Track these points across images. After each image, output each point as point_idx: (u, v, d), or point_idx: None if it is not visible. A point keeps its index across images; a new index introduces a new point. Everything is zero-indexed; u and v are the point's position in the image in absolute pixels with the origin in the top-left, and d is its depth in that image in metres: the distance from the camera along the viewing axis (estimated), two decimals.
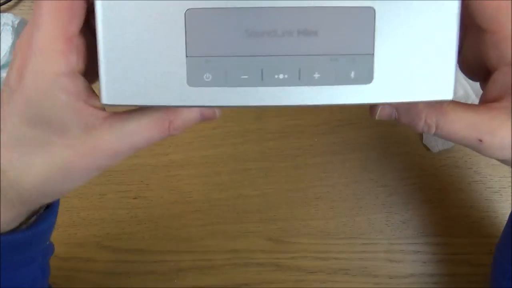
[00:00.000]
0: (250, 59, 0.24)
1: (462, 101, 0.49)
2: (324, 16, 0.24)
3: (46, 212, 0.31)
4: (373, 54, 0.24)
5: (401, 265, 0.51)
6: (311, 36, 0.24)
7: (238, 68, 0.24)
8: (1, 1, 0.51)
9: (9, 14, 0.47)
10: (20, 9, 0.53)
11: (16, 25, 0.46)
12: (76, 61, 0.23)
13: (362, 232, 0.51)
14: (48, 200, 0.29)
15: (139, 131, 0.25)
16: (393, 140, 0.52)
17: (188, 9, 0.23)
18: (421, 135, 0.51)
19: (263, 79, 0.24)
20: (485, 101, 0.27)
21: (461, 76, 0.50)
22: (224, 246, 0.51)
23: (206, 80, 0.24)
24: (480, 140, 0.26)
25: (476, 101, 0.49)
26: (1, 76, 0.47)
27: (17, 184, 0.26)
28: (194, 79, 0.24)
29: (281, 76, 0.24)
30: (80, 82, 0.24)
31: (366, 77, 0.24)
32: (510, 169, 0.50)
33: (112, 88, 0.24)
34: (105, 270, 0.51)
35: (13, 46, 0.46)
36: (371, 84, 0.24)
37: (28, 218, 0.30)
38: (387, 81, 0.24)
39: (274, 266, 0.51)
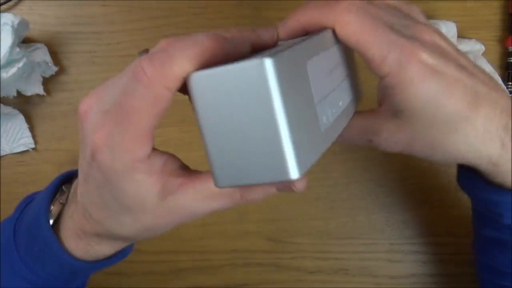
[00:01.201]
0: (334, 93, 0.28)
1: None
2: None
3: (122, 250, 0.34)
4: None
5: (401, 265, 0.51)
6: None
7: (333, 102, 0.27)
8: (1, 1, 0.52)
9: (9, 14, 0.47)
10: (20, 9, 0.53)
11: (16, 25, 0.46)
12: (152, 142, 0.25)
13: (362, 232, 0.51)
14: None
15: (212, 199, 0.27)
16: None
17: (308, 61, 0.24)
18: None
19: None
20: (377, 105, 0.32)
21: None
22: (224, 246, 0.51)
23: (331, 119, 0.26)
24: (370, 140, 0.31)
25: None
26: (1, 76, 0.47)
27: (112, 233, 0.29)
28: (325, 123, 0.25)
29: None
30: (155, 159, 0.26)
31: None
32: None
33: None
34: (105, 270, 0.51)
35: (13, 46, 0.46)
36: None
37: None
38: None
39: (274, 266, 0.51)
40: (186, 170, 0.28)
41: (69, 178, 0.33)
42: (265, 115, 0.21)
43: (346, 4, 0.27)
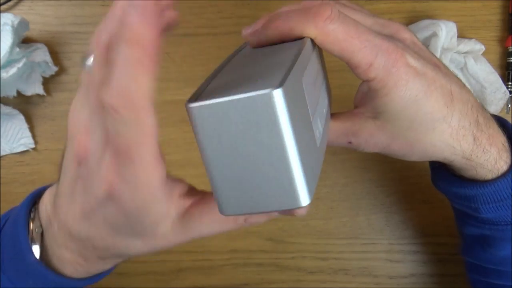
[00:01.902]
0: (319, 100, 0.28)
1: None
2: None
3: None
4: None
5: (401, 265, 0.51)
6: None
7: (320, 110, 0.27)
8: (1, 1, 0.52)
9: (9, 14, 0.47)
10: (20, 9, 0.53)
11: (16, 25, 0.46)
12: (164, 165, 0.24)
13: (362, 232, 0.51)
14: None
15: (218, 223, 0.29)
16: None
17: (303, 78, 0.24)
18: None
19: None
20: (353, 107, 0.33)
21: (461, 76, 0.50)
22: (224, 246, 0.51)
23: (321, 130, 0.26)
24: (350, 142, 0.32)
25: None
26: (1, 76, 0.47)
27: (117, 254, 0.30)
28: (319, 136, 0.25)
29: None
30: (171, 184, 0.27)
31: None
32: None
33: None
34: None
35: (13, 46, 0.46)
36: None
37: None
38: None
39: (274, 266, 0.51)
40: (195, 193, 0.29)
41: (38, 196, 0.31)
42: (274, 145, 0.20)
43: (327, 13, 0.27)
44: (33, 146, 0.52)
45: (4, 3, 0.52)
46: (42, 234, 0.30)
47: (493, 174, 0.32)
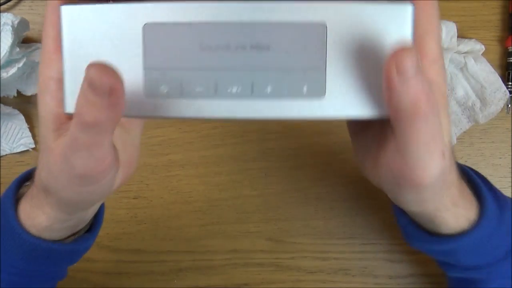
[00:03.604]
0: (205, 72, 0.25)
1: (462, 101, 0.49)
2: (276, 31, 0.24)
3: (86, 235, 0.35)
4: (325, 69, 0.24)
5: (401, 265, 0.51)
6: (264, 51, 0.24)
7: (193, 81, 0.25)
8: (1, 1, 0.51)
9: (9, 14, 0.47)
10: (20, 9, 0.53)
11: (16, 25, 0.46)
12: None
13: (362, 232, 0.51)
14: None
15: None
16: None
17: (146, 23, 0.24)
18: None
19: (217, 92, 0.25)
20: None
21: (461, 76, 0.50)
22: (224, 246, 0.51)
23: (163, 91, 0.25)
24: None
25: (477, 102, 0.49)
26: (1, 76, 0.47)
27: (44, 184, 0.30)
28: (150, 91, 0.25)
29: (234, 89, 0.25)
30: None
31: (318, 91, 0.25)
32: (510, 169, 0.50)
33: (74, 98, 0.24)
34: (105, 270, 0.51)
35: (13, 46, 0.46)
36: (323, 98, 0.25)
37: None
38: (339, 96, 0.25)
39: (274, 266, 0.51)
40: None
41: (28, 177, 0.35)
42: None
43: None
44: (33, 146, 0.52)
45: (4, 3, 0.52)
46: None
47: (461, 225, 0.32)
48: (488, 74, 0.49)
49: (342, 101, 0.25)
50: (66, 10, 0.25)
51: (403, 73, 0.22)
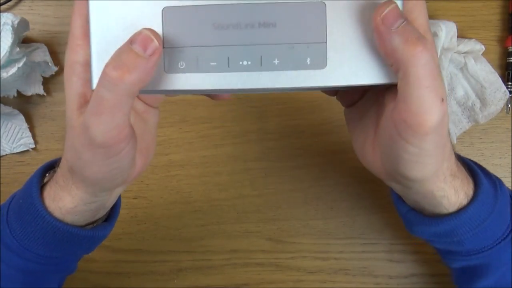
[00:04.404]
0: (218, 48, 0.28)
1: (462, 101, 0.49)
2: (281, 10, 0.27)
3: (104, 224, 0.37)
4: (325, 42, 0.28)
5: (401, 265, 0.51)
6: (270, 28, 0.27)
7: (208, 56, 0.28)
8: (1, 1, 0.52)
9: (9, 14, 0.47)
10: (20, 9, 0.53)
11: (16, 25, 0.46)
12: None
13: (362, 232, 0.51)
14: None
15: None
16: None
17: (165, 7, 0.27)
18: None
19: (229, 66, 0.28)
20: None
21: (461, 76, 0.50)
22: (224, 246, 0.51)
23: (181, 67, 0.28)
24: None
25: (477, 102, 0.49)
26: (1, 76, 0.47)
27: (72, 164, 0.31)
28: (170, 67, 0.28)
29: (244, 62, 0.28)
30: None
31: (320, 62, 0.28)
32: (510, 169, 0.50)
33: None
34: (105, 270, 0.51)
35: (13, 46, 0.46)
36: (325, 69, 0.28)
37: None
38: (339, 66, 0.28)
39: (274, 266, 0.51)
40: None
41: (51, 166, 0.36)
42: None
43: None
44: (33, 146, 0.52)
45: (4, 3, 0.52)
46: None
47: (460, 200, 0.33)
48: (488, 74, 0.49)
49: (342, 71, 0.28)
50: (94, 1, 0.28)
51: (388, 20, 0.26)
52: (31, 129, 0.51)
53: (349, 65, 0.28)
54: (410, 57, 0.26)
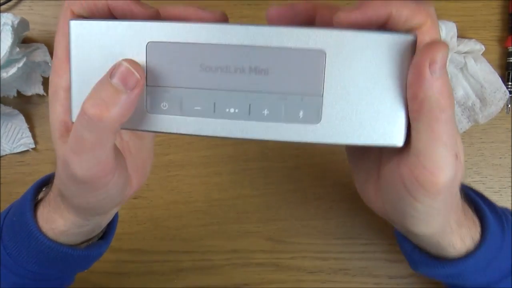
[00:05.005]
0: (204, 92, 0.25)
1: (462, 101, 0.49)
2: (276, 56, 0.25)
3: (99, 242, 0.36)
4: (322, 95, 0.25)
5: (401, 265, 0.51)
6: (262, 74, 0.25)
7: (192, 99, 0.26)
8: (1, 1, 0.52)
9: (9, 14, 0.47)
10: (20, 9, 0.53)
11: (16, 25, 0.46)
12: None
13: (362, 232, 0.51)
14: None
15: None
16: None
17: (149, 42, 0.25)
18: None
19: (215, 112, 0.25)
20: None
21: (461, 76, 0.50)
22: (224, 246, 0.51)
23: (163, 108, 0.26)
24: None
25: (477, 102, 0.49)
26: (1, 76, 0.47)
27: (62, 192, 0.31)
28: (152, 107, 0.26)
29: (232, 110, 0.25)
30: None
31: (314, 117, 0.25)
32: (510, 169, 0.50)
33: (80, 108, 0.25)
34: (105, 270, 0.51)
35: (13, 46, 0.46)
36: (318, 124, 0.25)
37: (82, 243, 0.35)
38: (334, 123, 0.25)
39: (274, 266, 0.51)
40: None
41: (46, 182, 0.35)
42: None
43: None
44: (33, 146, 0.52)
45: (4, 3, 0.52)
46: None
47: (467, 246, 0.32)
48: (488, 74, 0.49)
49: (337, 128, 0.25)
50: (75, 25, 0.26)
51: (435, 65, 0.22)
52: (31, 129, 0.51)
53: (347, 122, 0.25)
54: (437, 112, 0.23)
